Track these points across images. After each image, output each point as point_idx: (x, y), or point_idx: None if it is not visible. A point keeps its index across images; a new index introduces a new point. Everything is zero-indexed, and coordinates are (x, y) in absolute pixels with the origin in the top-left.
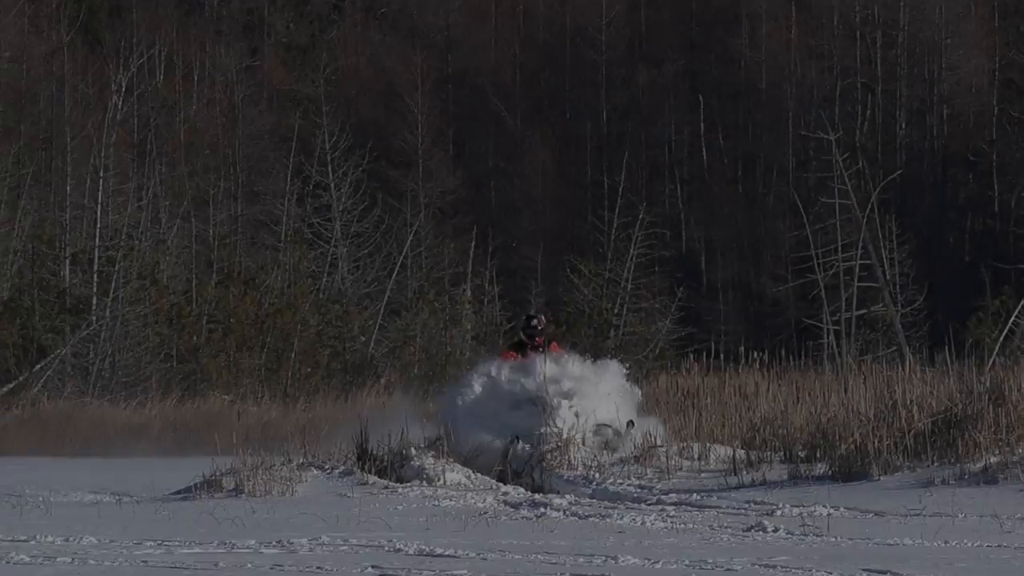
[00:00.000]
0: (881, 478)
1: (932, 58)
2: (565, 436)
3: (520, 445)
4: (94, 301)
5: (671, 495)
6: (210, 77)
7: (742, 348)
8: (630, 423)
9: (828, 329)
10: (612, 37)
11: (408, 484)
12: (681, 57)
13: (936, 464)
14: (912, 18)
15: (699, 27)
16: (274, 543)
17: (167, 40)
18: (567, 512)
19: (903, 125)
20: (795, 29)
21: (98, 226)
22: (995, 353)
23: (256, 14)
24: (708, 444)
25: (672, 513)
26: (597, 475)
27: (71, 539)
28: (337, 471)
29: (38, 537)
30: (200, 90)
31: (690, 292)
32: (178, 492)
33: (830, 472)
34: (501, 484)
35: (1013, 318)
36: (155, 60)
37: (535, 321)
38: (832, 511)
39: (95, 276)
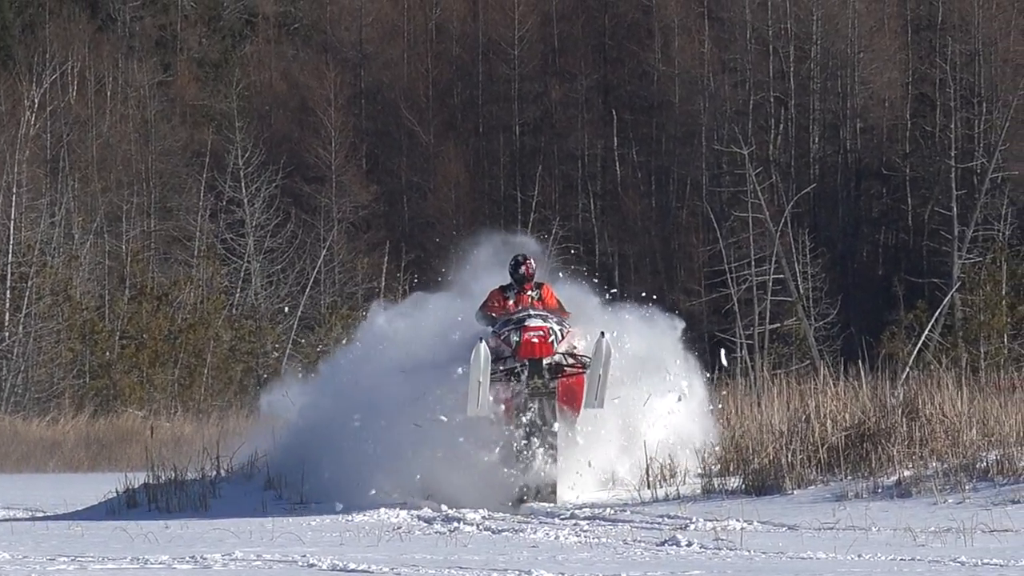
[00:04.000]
0: (795, 492)
1: (845, 72)
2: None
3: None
4: (6, 317)
5: (584, 509)
6: (123, 93)
7: None
8: (602, 334)
9: (741, 343)
10: (524, 52)
11: (321, 500)
12: (594, 71)
13: (849, 478)
14: (825, 32)
15: (612, 41)
16: (187, 559)
17: (79, 56)
18: (480, 527)
19: (816, 139)
20: (708, 43)
21: (11, 242)
22: (908, 367)
23: (169, 30)
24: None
25: (585, 527)
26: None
27: None
28: (250, 486)
29: None
30: (113, 106)
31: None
32: (91, 508)
33: (744, 486)
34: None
35: (926, 332)
36: (68, 76)
37: (523, 268)
38: (746, 525)
39: (7, 292)
